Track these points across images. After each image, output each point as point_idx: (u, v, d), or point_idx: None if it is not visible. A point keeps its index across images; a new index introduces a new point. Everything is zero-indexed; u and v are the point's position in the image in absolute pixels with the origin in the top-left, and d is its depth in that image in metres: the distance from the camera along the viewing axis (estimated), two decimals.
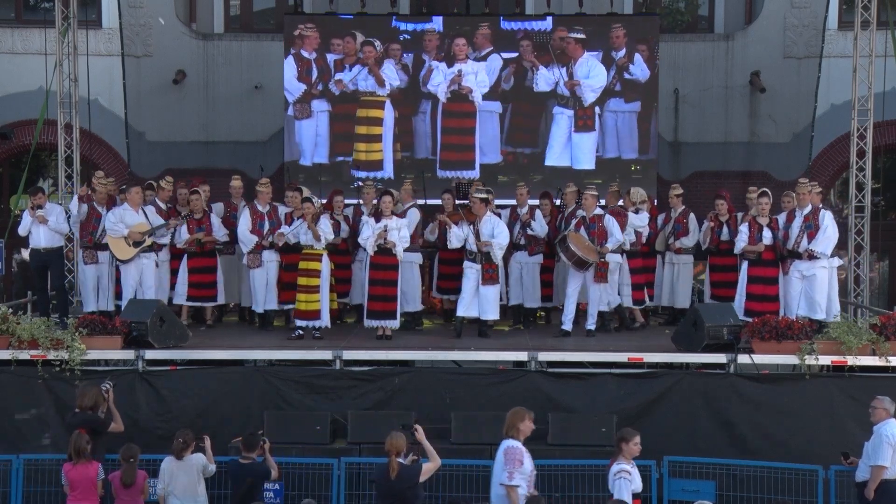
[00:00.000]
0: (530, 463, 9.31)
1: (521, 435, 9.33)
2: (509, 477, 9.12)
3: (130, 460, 9.61)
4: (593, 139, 17.52)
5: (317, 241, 12.91)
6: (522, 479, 9.18)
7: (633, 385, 11.91)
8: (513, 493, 9.10)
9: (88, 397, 10.40)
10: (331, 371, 12.06)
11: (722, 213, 14.01)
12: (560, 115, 17.52)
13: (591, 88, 17.43)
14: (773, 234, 12.93)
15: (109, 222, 12.99)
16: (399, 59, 17.50)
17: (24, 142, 18.59)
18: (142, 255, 13.08)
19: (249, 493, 9.89)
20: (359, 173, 17.24)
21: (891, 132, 18.36)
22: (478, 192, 13.61)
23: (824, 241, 12.64)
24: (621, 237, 13.43)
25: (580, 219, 13.48)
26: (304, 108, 17.63)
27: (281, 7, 19.57)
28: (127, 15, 18.57)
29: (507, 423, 9.41)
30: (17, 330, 11.92)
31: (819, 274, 12.70)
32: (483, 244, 13.11)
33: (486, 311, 13.28)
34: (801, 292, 12.79)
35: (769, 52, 18.60)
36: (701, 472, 11.01)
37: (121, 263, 13.08)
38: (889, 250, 19.17)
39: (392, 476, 9.17)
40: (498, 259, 13.26)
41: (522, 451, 9.26)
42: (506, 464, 9.18)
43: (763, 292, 12.97)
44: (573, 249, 13.05)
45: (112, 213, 13.08)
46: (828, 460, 10.83)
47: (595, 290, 13.37)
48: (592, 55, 17.40)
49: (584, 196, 13.57)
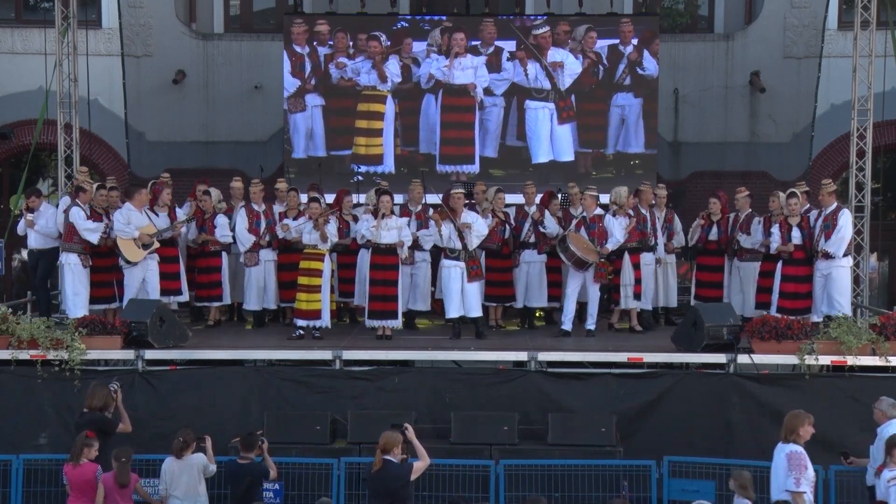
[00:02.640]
0: (811, 467, 9.27)
1: (801, 440, 9.25)
2: (796, 483, 9.00)
3: (123, 461, 9.55)
4: (571, 130, 17.55)
5: (323, 241, 12.91)
6: (808, 484, 9.11)
7: (633, 385, 11.91)
8: (800, 499, 9.00)
9: (99, 398, 10.37)
10: (331, 371, 12.06)
11: (714, 213, 14.05)
12: (541, 110, 17.52)
13: (570, 73, 17.44)
14: (802, 233, 12.98)
15: (119, 224, 12.93)
16: (408, 52, 17.46)
17: (24, 142, 18.60)
18: (147, 257, 13.06)
19: (248, 494, 9.88)
20: (359, 167, 17.26)
21: (891, 132, 18.37)
22: (456, 188, 13.67)
23: (837, 242, 12.67)
24: (621, 237, 13.43)
25: (580, 219, 13.49)
26: (298, 102, 17.63)
27: (281, 7, 19.57)
28: (127, 15, 18.59)
29: (787, 427, 9.31)
30: (16, 330, 11.92)
31: (836, 273, 12.71)
32: (464, 225, 13.00)
33: (471, 308, 13.23)
34: (823, 291, 12.85)
35: (769, 52, 18.61)
36: (701, 472, 11.00)
37: (126, 265, 13.04)
38: (889, 250, 19.17)
39: (373, 470, 9.15)
40: (472, 245, 13.12)
41: (805, 455, 9.18)
42: (791, 469, 9.05)
43: (795, 290, 13.03)
44: (573, 250, 13.05)
45: (119, 213, 13.03)
46: (828, 460, 10.82)
47: (594, 290, 13.37)
48: (563, 49, 17.43)
49: (584, 196, 13.57)
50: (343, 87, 17.57)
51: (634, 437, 11.67)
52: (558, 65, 17.40)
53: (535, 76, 17.43)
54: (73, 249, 13.01)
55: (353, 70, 17.47)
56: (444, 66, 17.43)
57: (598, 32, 17.40)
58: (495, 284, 14.15)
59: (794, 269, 13.05)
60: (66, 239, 13.06)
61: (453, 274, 13.17)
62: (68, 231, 13.02)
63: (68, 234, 13.03)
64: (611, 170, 17.50)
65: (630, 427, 11.68)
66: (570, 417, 11.57)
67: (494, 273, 14.10)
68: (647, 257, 13.99)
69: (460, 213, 13.21)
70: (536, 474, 10.87)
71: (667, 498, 11.00)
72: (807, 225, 13.03)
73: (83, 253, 13.04)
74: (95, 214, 13.31)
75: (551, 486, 10.84)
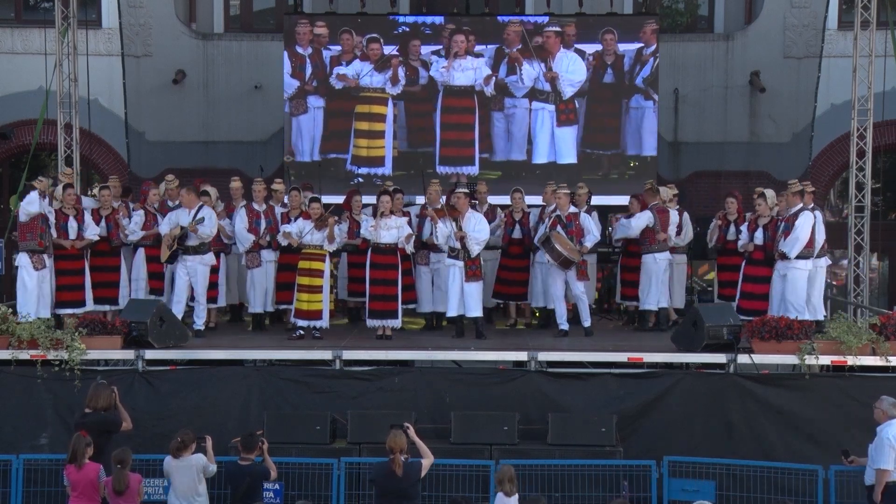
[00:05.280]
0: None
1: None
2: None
3: (118, 466, 9.41)
4: (574, 133, 17.54)
5: (330, 242, 12.91)
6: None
7: (633, 385, 11.90)
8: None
9: (103, 398, 10.33)
10: (331, 371, 12.06)
11: (731, 213, 14.02)
12: (541, 111, 17.53)
13: (570, 83, 17.42)
14: (765, 234, 13.05)
15: (162, 223, 13.14)
16: (417, 55, 17.47)
17: (24, 142, 18.61)
18: (187, 258, 12.97)
19: (248, 494, 9.87)
20: (359, 169, 17.24)
21: (891, 132, 18.37)
22: (460, 188, 13.60)
23: (791, 242, 12.62)
24: (598, 235, 13.44)
25: (555, 217, 13.42)
26: (300, 104, 17.63)
27: (281, 7, 19.58)
28: (127, 15, 18.59)
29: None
30: (16, 330, 11.91)
31: (791, 274, 12.67)
32: (459, 234, 13.04)
33: (471, 308, 13.24)
34: (781, 292, 12.83)
35: (769, 52, 18.62)
36: (701, 472, 11.00)
37: (167, 263, 13.16)
38: (889, 250, 19.17)
39: (399, 473, 9.19)
40: (474, 253, 13.16)
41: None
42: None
43: (752, 290, 13.16)
44: (559, 249, 13.04)
45: (170, 214, 13.11)
46: (828, 460, 10.83)
47: (579, 288, 13.36)
48: (570, 50, 17.42)
49: (557, 195, 13.52)
50: (345, 88, 17.56)
51: (634, 437, 11.67)
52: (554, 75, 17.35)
53: (537, 77, 17.43)
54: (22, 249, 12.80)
55: (353, 75, 17.47)
56: (443, 67, 17.43)
57: (616, 34, 17.40)
58: (509, 283, 14.18)
59: (753, 270, 13.18)
60: (20, 239, 12.82)
61: (453, 272, 13.18)
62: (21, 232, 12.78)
63: (21, 235, 12.79)
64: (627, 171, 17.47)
65: (630, 427, 11.67)
66: (570, 417, 11.57)
67: (509, 272, 14.14)
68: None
69: (464, 215, 13.22)
70: (536, 474, 10.86)
71: (667, 498, 11.00)
72: (773, 226, 13.08)
73: (38, 252, 12.74)
74: (96, 215, 13.37)
75: (551, 486, 10.83)
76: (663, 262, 13.77)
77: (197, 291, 13.12)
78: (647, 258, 13.76)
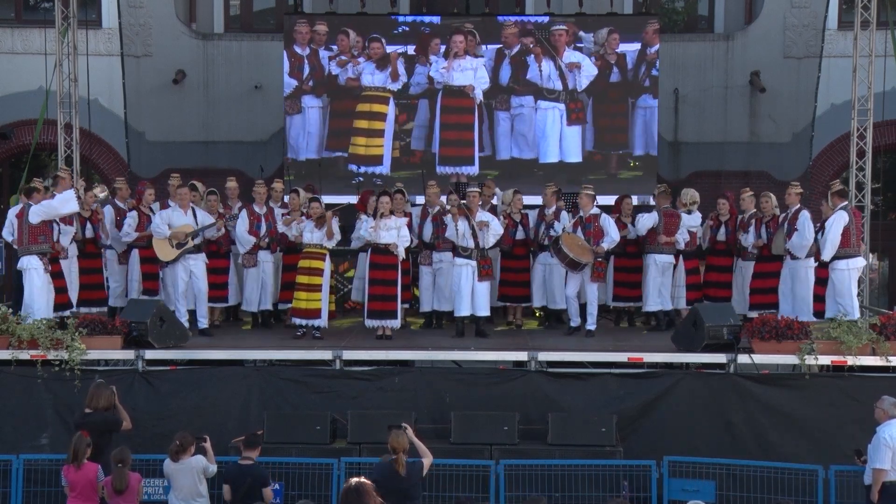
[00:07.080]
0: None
1: None
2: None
3: (119, 465, 9.43)
4: (580, 132, 17.57)
5: (329, 239, 12.91)
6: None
7: (633, 385, 11.90)
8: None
9: (104, 398, 10.33)
10: (331, 371, 12.06)
11: (723, 214, 14.06)
12: (551, 111, 17.52)
13: (588, 75, 17.49)
14: (767, 231, 13.36)
15: (154, 223, 13.03)
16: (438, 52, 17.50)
17: (24, 142, 18.62)
18: (188, 256, 13.01)
19: (249, 495, 9.86)
20: (358, 168, 17.24)
21: (891, 132, 18.39)
22: (472, 187, 13.66)
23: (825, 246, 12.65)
24: (617, 237, 13.43)
25: (577, 219, 13.48)
26: (296, 104, 17.64)
27: (281, 7, 19.59)
28: (127, 15, 18.61)
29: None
30: (17, 330, 11.90)
31: (835, 276, 12.66)
32: (481, 223, 13.05)
33: (479, 307, 13.26)
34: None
35: (769, 52, 18.63)
36: (701, 472, 11.00)
37: (166, 264, 13.07)
38: (889, 250, 19.18)
39: (402, 473, 9.20)
40: (489, 243, 13.20)
41: None
42: None
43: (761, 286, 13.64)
44: (565, 251, 13.04)
45: (160, 213, 13.09)
46: (828, 460, 10.83)
47: (592, 290, 13.37)
48: (576, 50, 17.45)
49: (580, 196, 13.56)
50: (345, 88, 17.56)
51: (634, 437, 11.66)
52: (575, 65, 17.40)
53: (548, 76, 17.43)
54: (31, 252, 12.33)
55: (355, 71, 17.46)
56: (442, 67, 17.43)
57: (620, 35, 17.44)
58: (512, 284, 14.19)
59: (762, 266, 13.63)
60: (29, 242, 12.32)
61: (464, 272, 13.19)
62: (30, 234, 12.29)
63: (31, 237, 12.29)
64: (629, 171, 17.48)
65: (630, 427, 11.67)
66: (570, 417, 11.57)
67: (511, 273, 14.14)
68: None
69: (475, 212, 13.23)
70: (536, 474, 10.86)
71: (667, 498, 10.99)
72: (774, 225, 13.36)
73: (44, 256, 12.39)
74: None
75: (551, 486, 10.83)
76: (663, 263, 13.76)
77: (200, 290, 13.13)
78: (647, 259, 13.79)
